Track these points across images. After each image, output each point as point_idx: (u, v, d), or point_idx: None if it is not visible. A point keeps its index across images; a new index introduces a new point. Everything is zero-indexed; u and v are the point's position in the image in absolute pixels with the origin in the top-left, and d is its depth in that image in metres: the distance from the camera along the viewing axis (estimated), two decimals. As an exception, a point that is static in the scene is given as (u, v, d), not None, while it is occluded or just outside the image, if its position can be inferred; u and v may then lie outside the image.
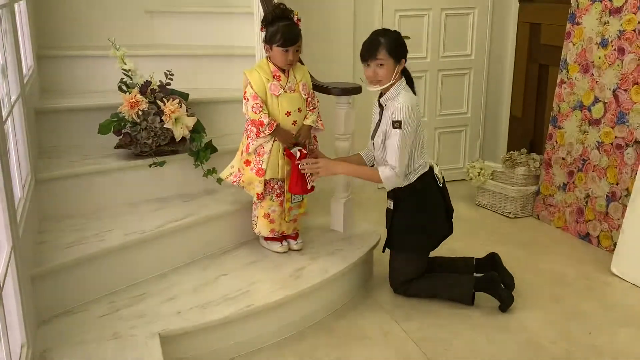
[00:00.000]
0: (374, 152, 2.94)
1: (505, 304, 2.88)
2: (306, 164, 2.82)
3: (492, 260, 3.07)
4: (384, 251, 3.04)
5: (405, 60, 2.83)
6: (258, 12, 3.15)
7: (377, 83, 2.79)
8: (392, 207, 2.94)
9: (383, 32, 2.81)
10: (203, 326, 2.41)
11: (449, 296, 2.97)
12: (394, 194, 2.91)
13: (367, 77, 2.81)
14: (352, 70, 4.28)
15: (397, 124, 2.72)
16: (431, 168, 2.90)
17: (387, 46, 2.74)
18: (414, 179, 2.84)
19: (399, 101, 2.75)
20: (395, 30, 2.84)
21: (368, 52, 2.77)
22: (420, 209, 2.90)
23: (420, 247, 2.98)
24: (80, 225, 2.74)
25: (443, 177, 2.97)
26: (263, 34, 2.82)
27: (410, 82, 2.89)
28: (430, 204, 2.91)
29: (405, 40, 2.86)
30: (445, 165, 4.69)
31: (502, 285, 2.92)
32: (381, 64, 2.75)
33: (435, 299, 2.98)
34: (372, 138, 2.93)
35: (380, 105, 2.88)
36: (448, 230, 3.00)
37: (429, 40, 4.45)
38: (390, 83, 2.79)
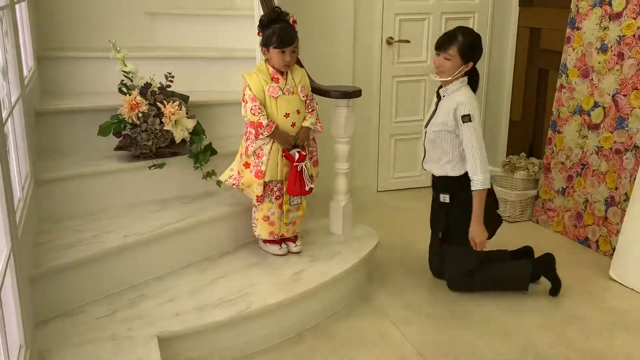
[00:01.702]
0: (424, 141, 3.04)
1: (557, 287, 3.05)
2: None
3: (527, 252, 3.20)
4: (442, 243, 3.06)
5: (474, 64, 2.94)
6: (258, 14, 3.16)
7: (440, 74, 2.94)
8: (448, 200, 2.99)
9: (464, 31, 2.94)
10: (201, 328, 2.41)
11: (508, 284, 3.08)
12: (449, 186, 2.98)
13: (434, 64, 2.96)
14: (352, 74, 4.29)
15: (466, 118, 2.84)
16: None
17: (460, 44, 2.87)
18: (462, 171, 2.93)
19: (462, 95, 2.88)
20: (476, 34, 2.96)
21: (442, 43, 2.92)
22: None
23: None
24: (79, 226, 2.74)
25: None
26: (260, 37, 2.83)
27: (474, 85, 2.99)
28: (486, 199, 2.99)
29: (405, 44, 2.89)
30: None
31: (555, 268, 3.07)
32: (448, 59, 2.89)
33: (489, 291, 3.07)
34: (425, 127, 3.04)
35: (438, 96, 3.00)
36: (499, 220, 3.08)
37: (429, 44, 4.45)
38: (450, 78, 2.91)
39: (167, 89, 3.10)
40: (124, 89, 3.04)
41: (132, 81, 3.07)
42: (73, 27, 3.74)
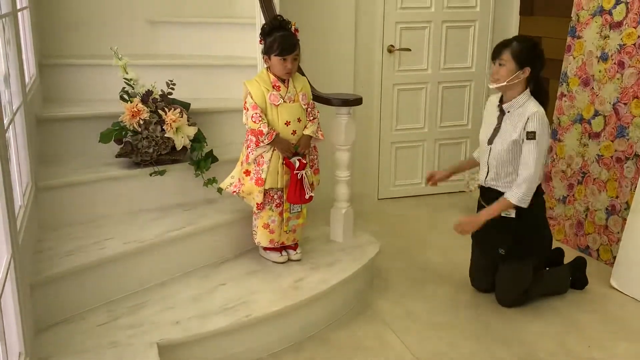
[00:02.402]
0: (488, 157, 2.96)
1: (584, 285, 3.21)
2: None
3: (559, 254, 3.31)
4: (504, 260, 3.00)
5: (533, 71, 2.85)
6: (260, 22, 3.17)
7: (495, 81, 2.87)
8: (513, 215, 2.90)
9: (518, 38, 2.93)
10: (201, 336, 2.41)
11: (552, 291, 3.12)
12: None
13: (492, 74, 2.91)
14: (353, 82, 4.30)
15: (531, 135, 2.77)
16: None
17: (513, 49, 2.82)
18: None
19: (531, 110, 2.80)
20: (532, 40, 2.90)
21: (496, 50, 2.88)
22: (541, 215, 3.01)
23: (539, 251, 3.05)
24: (80, 233, 2.75)
25: None
26: (262, 45, 2.84)
27: (542, 98, 2.90)
28: (542, 208, 3.03)
29: (406, 52, 2.88)
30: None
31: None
32: (502, 64, 2.83)
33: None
34: (490, 143, 2.95)
35: (502, 111, 2.92)
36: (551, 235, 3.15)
37: (429, 52, 4.46)
38: (505, 84, 2.83)
39: (169, 96, 3.10)
40: (126, 97, 3.05)
41: (133, 88, 3.08)
42: (75, 34, 3.76)
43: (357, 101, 3.13)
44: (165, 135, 2.99)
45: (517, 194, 2.80)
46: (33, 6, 3.43)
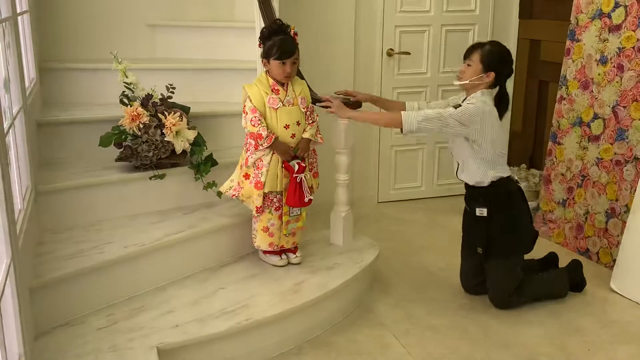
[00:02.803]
0: (453, 153, 3.03)
1: (582, 287, 3.20)
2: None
3: (553, 258, 3.31)
4: (487, 258, 3.02)
5: (498, 77, 2.89)
6: (259, 26, 3.17)
7: (458, 79, 2.95)
8: (485, 214, 2.95)
9: (492, 42, 2.98)
10: (201, 339, 2.41)
11: (549, 295, 3.10)
12: (484, 199, 2.96)
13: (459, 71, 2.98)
14: (353, 85, 4.29)
15: (457, 106, 2.83)
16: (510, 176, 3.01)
17: (482, 52, 2.87)
18: (494, 178, 2.91)
19: (472, 101, 2.85)
20: (504, 47, 2.94)
21: (467, 51, 2.94)
22: (512, 211, 2.97)
23: (520, 249, 3.03)
24: (79, 237, 2.75)
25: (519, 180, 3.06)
26: (261, 49, 2.85)
27: (502, 106, 2.95)
28: (518, 206, 2.99)
29: (405, 56, 2.90)
30: (446, 179, 4.71)
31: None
32: (469, 65, 2.89)
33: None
34: (452, 141, 3.03)
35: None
36: (535, 232, 3.08)
37: (429, 55, 4.47)
38: (467, 82, 2.89)
39: (168, 100, 3.11)
40: (125, 100, 3.06)
41: (133, 92, 3.08)
42: (75, 38, 3.77)
43: (357, 104, 3.13)
44: (165, 139, 2.99)
45: (409, 116, 2.80)
46: (33, 10, 3.43)
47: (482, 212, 2.95)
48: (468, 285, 3.19)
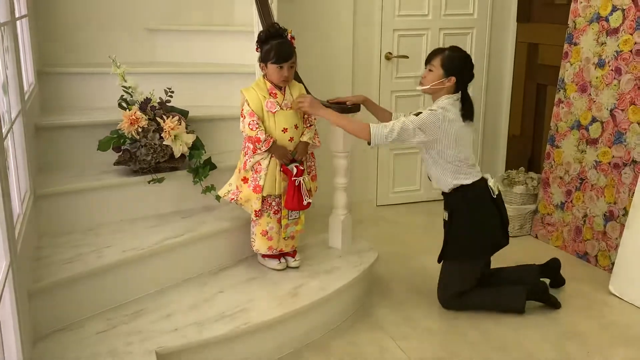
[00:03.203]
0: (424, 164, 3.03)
1: (556, 307, 3.08)
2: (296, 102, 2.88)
3: (555, 265, 3.27)
4: (439, 261, 3.06)
5: (459, 82, 2.89)
6: (257, 30, 3.17)
7: (420, 84, 2.95)
8: (447, 218, 3.00)
9: (453, 47, 2.98)
10: (200, 344, 2.40)
11: (499, 309, 3.04)
12: (448, 204, 2.99)
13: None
14: (351, 89, 4.30)
15: (417, 113, 2.83)
16: (484, 179, 2.96)
17: (443, 57, 2.89)
18: (453, 186, 2.92)
19: (432, 107, 2.86)
20: (465, 53, 2.95)
21: (429, 56, 2.96)
22: (473, 218, 2.96)
23: (473, 256, 3.01)
24: (78, 241, 2.75)
25: (499, 190, 3.02)
26: (258, 53, 2.86)
27: (466, 112, 2.91)
28: (484, 213, 2.97)
29: (403, 59, 2.91)
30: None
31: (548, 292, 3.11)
32: (431, 70, 2.91)
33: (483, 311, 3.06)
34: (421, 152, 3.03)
35: None
36: (503, 240, 3.05)
37: (427, 59, 4.47)
38: (428, 87, 2.90)
39: (167, 104, 3.11)
40: (124, 104, 3.06)
41: (132, 96, 3.08)
42: (73, 42, 3.77)
43: (355, 108, 3.14)
44: (164, 143, 2.99)
45: (378, 131, 2.80)
46: (32, 14, 3.44)
47: (445, 215, 3.01)
48: (439, 294, 3.14)
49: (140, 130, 2.96)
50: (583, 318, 3.02)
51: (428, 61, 2.94)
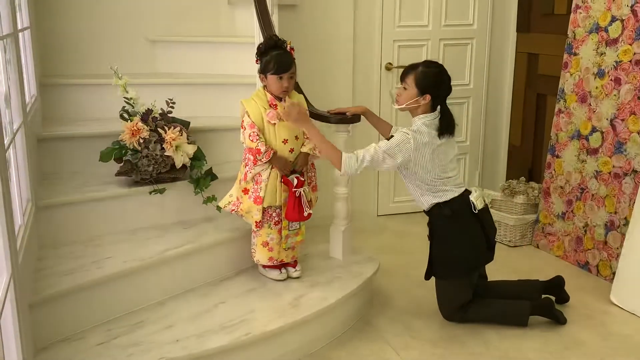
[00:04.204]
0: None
1: (562, 323, 3.02)
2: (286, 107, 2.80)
3: (559, 282, 3.22)
4: (427, 279, 3.04)
5: (435, 98, 2.84)
6: (258, 41, 3.19)
7: (395, 102, 2.92)
8: (429, 235, 2.98)
9: (427, 62, 2.92)
10: (201, 355, 2.40)
11: (503, 322, 3.02)
12: (431, 221, 2.97)
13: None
14: (352, 99, 4.32)
15: (391, 137, 2.81)
16: (464, 195, 2.90)
17: (416, 75, 2.84)
18: (430, 205, 2.90)
19: (404, 130, 2.82)
20: (440, 67, 2.90)
21: (403, 73, 2.91)
22: (454, 235, 2.92)
23: (457, 273, 2.97)
24: (79, 252, 2.75)
25: (485, 203, 2.98)
26: (258, 65, 2.87)
27: (446, 126, 2.85)
28: (465, 230, 2.92)
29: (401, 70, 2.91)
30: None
31: (554, 308, 3.05)
32: (405, 88, 2.87)
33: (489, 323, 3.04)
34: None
35: None
36: (487, 256, 3.01)
37: (427, 69, 4.49)
38: (403, 107, 2.87)
39: (168, 114, 3.12)
40: (126, 115, 3.07)
41: (133, 107, 3.10)
42: (75, 54, 3.79)
43: (355, 118, 3.14)
44: (165, 154, 3.00)
45: (347, 158, 2.76)
46: (34, 26, 3.46)
47: (428, 233, 3.00)
48: (440, 308, 3.13)
49: (141, 141, 2.97)
50: (584, 328, 3.01)
51: (402, 78, 2.89)
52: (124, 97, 3.10)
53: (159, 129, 3.03)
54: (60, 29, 3.75)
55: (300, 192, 2.86)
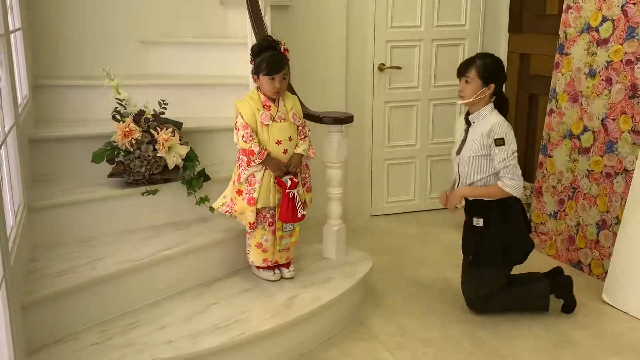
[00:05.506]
0: (458, 167, 3.07)
1: (573, 306, 3.14)
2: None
3: (559, 271, 3.26)
4: (472, 264, 3.07)
5: (497, 86, 2.96)
6: (251, 42, 3.19)
7: (461, 98, 3.00)
8: (481, 224, 3.01)
9: (482, 55, 3.03)
10: (194, 355, 2.40)
11: (525, 308, 3.11)
12: (483, 210, 3.00)
13: (458, 90, 3.03)
14: (345, 100, 4.33)
15: (500, 141, 2.89)
16: None
17: (478, 66, 2.94)
18: None
19: (493, 120, 2.92)
20: (495, 57, 3.01)
21: (461, 68, 3.01)
22: (508, 224, 3.01)
23: (506, 261, 3.05)
24: (72, 253, 2.74)
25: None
26: (252, 65, 2.87)
27: (503, 109, 3.02)
28: (516, 219, 3.04)
29: (396, 70, 2.93)
30: (437, 193, 4.72)
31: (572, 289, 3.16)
32: (467, 81, 2.96)
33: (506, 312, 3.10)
34: (458, 153, 3.07)
35: (468, 122, 3.03)
36: (530, 245, 3.10)
37: (420, 70, 4.51)
38: (471, 100, 2.95)
39: (161, 115, 3.12)
40: (118, 117, 3.07)
41: (125, 108, 3.09)
42: (67, 55, 3.78)
43: (349, 119, 3.15)
44: (158, 155, 3.00)
45: (506, 184, 2.90)
46: (26, 28, 3.45)
47: (478, 222, 3.02)
48: (467, 295, 3.20)
49: (134, 142, 2.97)
50: (576, 326, 3.02)
51: (462, 73, 2.99)
52: (116, 98, 3.09)
53: (151, 130, 3.02)
54: (53, 30, 3.73)
55: (294, 193, 2.86)
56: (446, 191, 3.16)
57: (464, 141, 3.05)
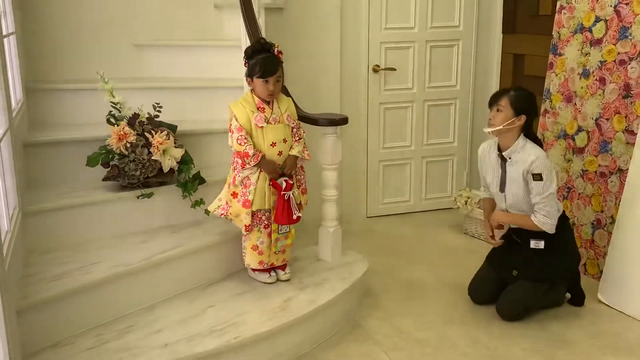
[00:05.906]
0: (506, 203, 3.12)
1: (581, 299, 3.22)
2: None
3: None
4: (519, 279, 3.09)
5: (527, 120, 3.00)
6: (245, 45, 3.19)
7: (490, 125, 3.04)
8: (542, 247, 3.05)
9: (516, 87, 3.09)
10: (190, 359, 2.39)
11: (547, 305, 3.17)
12: (543, 235, 3.03)
13: (488, 119, 3.08)
14: (340, 101, 4.33)
15: (537, 177, 2.92)
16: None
17: (511, 96, 2.99)
18: (561, 211, 3.08)
19: (532, 154, 2.96)
20: (529, 91, 3.06)
21: (494, 97, 3.07)
22: (570, 242, 3.15)
23: (557, 275, 3.12)
24: (66, 258, 2.74)
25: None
26: (246, 68, 2.87)
27: (536, 144, 3.07)
28: (572, 240, 3.18)
29: (391, 72, 2.94)
30: (432, 194, 4.75)
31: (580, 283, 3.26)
32: (499, 110, 3.00)
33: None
34: (502, 190, 3.12)
35: (502, 158, 3.08)
36: (578, 257, 3.24)
37: (414, 71, 4.51)
38: (500, 128, 2.98)
39: (155, 119, 3.12)
40: (112, 120, 3.06)
41: (120, 112, 3.09)
42: (61, 59, 3.77)
43: (343, 121, 3.16)
44: (152, 158, 3.00)
45: (539, 220, 2.96)
46: (20, 31, 3.44)
47: (538, 244, 3.05)
48: (477, 296, 3.25)
49: (128, 145, 2.97)
50: (572, 327, 3.03)
51: (494, 102, 3.03)
52: (111, 102, 3.09)
53: (146, 133, 3.02)
54: (46, 34, 3.72)
55: (289, 195, 2.86)
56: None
57: (503, 177, 3.09)
